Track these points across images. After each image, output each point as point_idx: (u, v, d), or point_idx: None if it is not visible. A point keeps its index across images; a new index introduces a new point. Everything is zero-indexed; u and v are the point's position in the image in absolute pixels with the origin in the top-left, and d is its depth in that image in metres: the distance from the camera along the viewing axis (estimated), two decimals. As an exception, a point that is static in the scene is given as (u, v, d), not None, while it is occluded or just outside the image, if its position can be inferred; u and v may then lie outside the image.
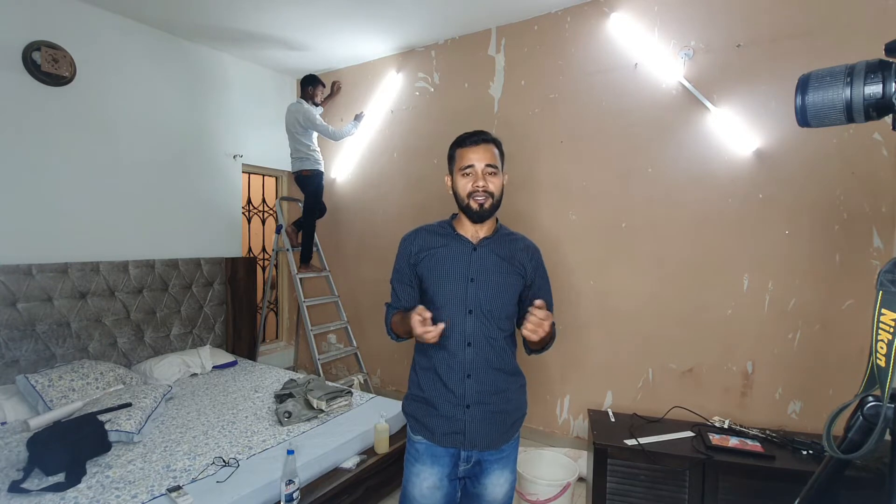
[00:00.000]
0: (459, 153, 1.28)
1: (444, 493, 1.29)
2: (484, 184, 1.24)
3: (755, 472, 1.88)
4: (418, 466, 1.31)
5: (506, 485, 1.30)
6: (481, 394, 1.25)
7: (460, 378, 1.25)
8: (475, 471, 1.29)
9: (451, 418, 1.26)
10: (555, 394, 2.92)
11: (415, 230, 1.39)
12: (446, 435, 1.26)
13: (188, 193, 3.39)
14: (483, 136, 1.27)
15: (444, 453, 1.28)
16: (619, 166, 2.67)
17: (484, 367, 1.25)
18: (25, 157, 2.57)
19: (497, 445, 1.27)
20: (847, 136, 2.13)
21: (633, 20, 2.61)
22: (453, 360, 1.25)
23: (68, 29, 2.71)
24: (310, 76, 3.52)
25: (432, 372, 1.29)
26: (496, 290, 1.26)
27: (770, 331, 2.31)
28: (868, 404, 0.73)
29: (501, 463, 1.29)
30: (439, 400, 1.27)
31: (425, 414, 1.30)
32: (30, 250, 2.58)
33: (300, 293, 3.50)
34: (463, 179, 1.26)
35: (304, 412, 2.31)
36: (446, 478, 1.29)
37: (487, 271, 1.27)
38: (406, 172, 3.56)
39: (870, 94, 0.69)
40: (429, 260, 1.30)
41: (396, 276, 1.38)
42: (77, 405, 2.24)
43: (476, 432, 1.25)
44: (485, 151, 1.26)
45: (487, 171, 1.25)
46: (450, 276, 1.27)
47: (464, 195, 1.26)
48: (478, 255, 1.28)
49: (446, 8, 2.87)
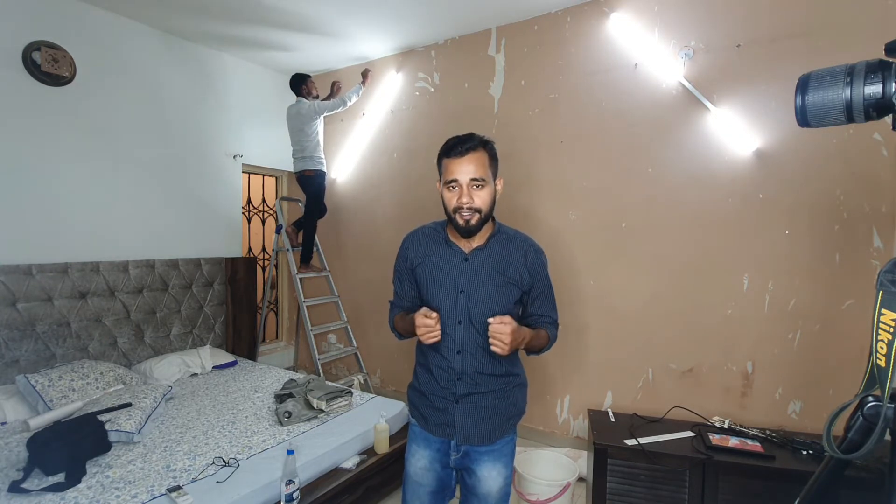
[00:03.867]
0: (445, 164, 1.24)
1: (434, 475, 1.34)
2: (469, 200, 1.19)
3: (755, 472, 1.88)
4: (413, 447, 1.38)
5: (499, 478, 1.30)
6: (472, 394, 1.28)
7: (451, 380, 1.29)
8: (466, 462, 1.31)
9: (442, 410, 1.30)
10: (555, 394, 2.92)
11: (414, 231, 1.41)
12: (438, 425, 1.31)
13: (188, 193, 3.39)
14: (469, 144, 1.21)
15: (434, 439, 1.33)
16: (619, 166, 2.67)
17: (474, 372, 1.27)
18: (25, 157, 2.57)
19: (490, 440, 1.29)
20: (847, 136, 2.13)
21: (633, 20, 2.61)
22: (445, 364, 1.29)
23: (68, 29, 2.71)
24: (295, 76, 3.52)
25: (427, 370, 1.34)
26: (486, 300, 1.24)
27: (770, 331, 2.31)
28: (868, 404, 0.73)
29: (493, 456, 1.30)
30: (432, 394, 1.33)
31: (421, 403, 1.37)
32: (30, 250, 2.58)
33: (300, 293, 3.50)
34: (448, 193, 1.24)
35: (304, 412, 2.31)
36: (437, 462, 1.33)
37: (478, 282, 1.25)
38: (406, 172, 3.55)
39: (870, 94, 0.69)
40: (423, 268, 1.33)
41: (396, 277, 1.42)
42: (77, 405, 2.24)
43: (466, 426, 1.27)
44: (470, 163, 1.19)
45: (473, 185, 1.20)
46: (440, 287, 1.28)
47: (450, 209, 1.24)
48: (469, 266, 1.26)
49: (446, 8, 2.86)
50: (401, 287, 1.40)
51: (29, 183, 2.58)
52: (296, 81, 3.50)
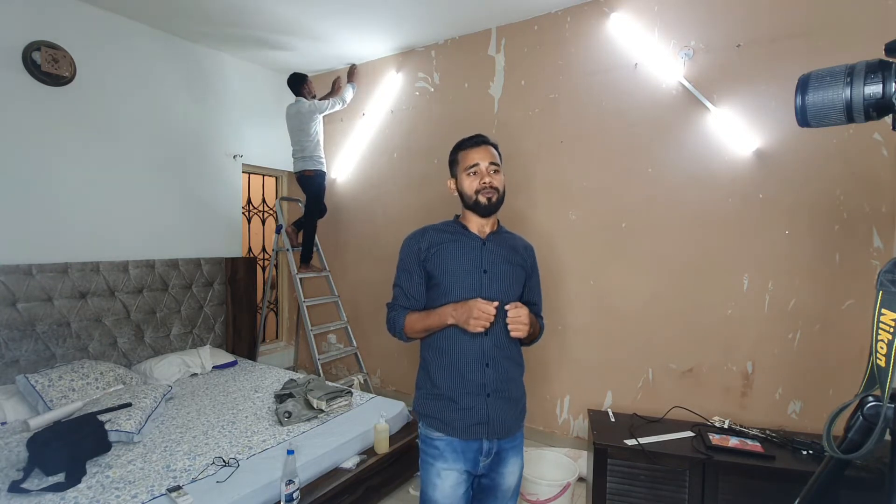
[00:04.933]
0: (463, 155, 1.37)
1: (464, 489, 1.31)
2: (490, 180, 1.32)
3: (755, 472, 1.88)
4: (439, 465, 1.30)
5: (518, 472, 1.36)
6: (499, 381, 1.30)
7: (480, 368, 1.29)
8: (494, 462, 1.32)
9: (472, 409, 1.28)
10: (555, 394, 2.92)
11: (421, 229, 1.41)
12: (469, 427, 1.28)
13: (188, 193, 3.39)
14: (483, 138, 1.37)
15: (465, 448, 1.29)
16: (619, 166, 2.67)
17: (499, 355, 1.31)
18: (25, 157, 2.57)
19: (513, 432, 1.33)
20: (847, 136, 2.13)
21: (633, 20, 2.61)
22: (473, 350, 1.29)
23: (68, 29, 2.71)
24: (293, 75, 3.51)
25: (450, 366, 1.31)
26: (507, 280, 1.34)
27: (770, 331, 2.31)
28: (868, 404, 0.73)
29: (515, 450, 1.35)
30: (459, 393, 1.29)
31: (444, 410, 1.30)
32: (30, 250, 2.58)
33: (300, 293, 3.50)
34: (469, 178, 1.34)
35: (304, 412, 2.31)
36: (466, 472, 1.31)
37: (498, 263, 1.34)
38: (406, 172, 3.55)
39: (870, 94, 0.69)
40: (439, 255, 1.33)
41: (404, 276, 1.37)
42: (77, 405, 2.24)
43: (498, 420, 1.29)
44: (486, 151, 1.35)
45: (492, 169, 1.34)
46: (463, 269, 1.32)
47: (471, 193, 1.33)
48: (487, 249, 1.35)
49: (446, 8, 2.86)
50: (409, 283, 1.36)
51: (29, 183, 2.59)
52: (294, 81, 3.50)
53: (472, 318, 1.20)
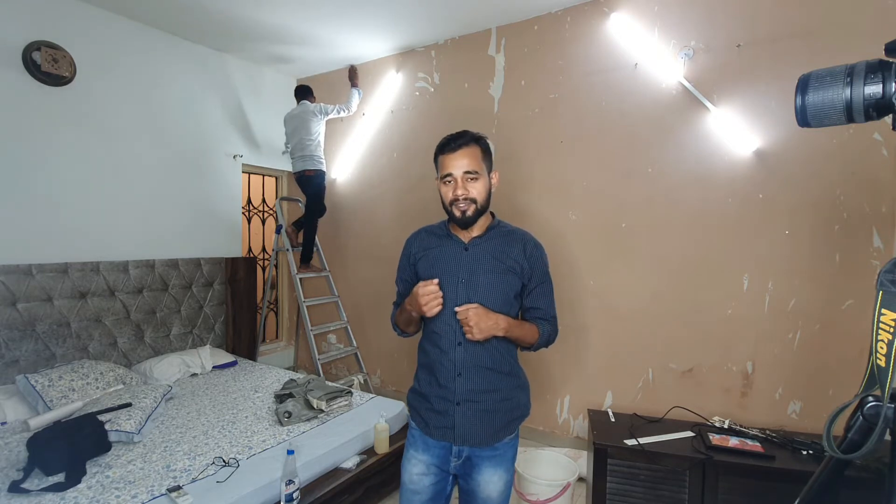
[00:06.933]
0: (440, 161, 1.29)
1: (431, 481, 1.32)
2: (464, 192, 1.24)
3: (755, 472, 1.87)
4: (411, 451, 1.36)
5: (500, 483, 1.29)
6: (472, 392, 1.26)
7: (451, 376, 1.27)
8: (466, 467, 1.30)
9: (442, 413, 1.29)
10: (555, 394, 2.92)
11: (417, 231, 1.44)
12: (438, 429, 1.30)
13: (188, 193, 3.39)
14: (462, 139, 1.26)
15: (434, 444, 1.31)
16: (620, 166, 2.67)
17: (474, 366, 1.26)
18: (25, 157, 2.57)
19: (489, 443, 1.27)
20: (847, 136, 2.13)
21: (633, 20, 2.61)
22: (445, 359, 1.28)
23: (68, 29, 2.71)
24: (301, 87, 3.58)
25: (428, 369, 1.34)
26: (487, 290, 1.26)
27: (770, 331, 2.31)
28: (868, 404, 0.72)
29: (494, 461, 1.28)
30: (432, 396, 1.31)
31: (421, 406, 1.35)
32: (30, 250, 2.58)
33: (300, 293, 3.50)
34: (444, 188, 1.28)
35: (304, 412, 2.31)
36: (434, 466, 1.31)
37: (478, 271, 1.27)
38: (406, 172, 3.56)
39: (870, 94, 0.69)
40: (424, 261, 1.35)
41: (400, 276, 1.44)
42: (77, 405, 2.24)
43: (466, 428, 1.26)
44: (463, 157, 1.24)
45: (467, 178, 1.24)
46: (441, 278, 1.27)
47: (447, 202, 1.28)
48: (469, 256, 1.29)
49: (446, 8, 2.86)
50: (404, 286, 1.42)
51: (29, 183, 2.58)
52: (302, 91, 3.55)
53: (422, 307, 1.21)
